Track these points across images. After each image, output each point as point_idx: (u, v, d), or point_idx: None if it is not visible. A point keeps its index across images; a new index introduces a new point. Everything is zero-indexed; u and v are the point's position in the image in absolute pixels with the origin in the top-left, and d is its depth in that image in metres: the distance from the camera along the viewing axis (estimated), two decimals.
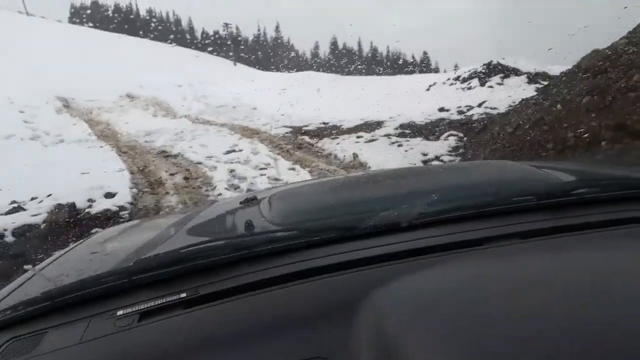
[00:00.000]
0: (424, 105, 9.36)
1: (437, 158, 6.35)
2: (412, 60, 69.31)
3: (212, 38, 58.55)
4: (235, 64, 28.18)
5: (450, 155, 6.32)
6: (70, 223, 4.64)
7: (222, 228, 1.34)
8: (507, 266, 0.82)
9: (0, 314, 0.91)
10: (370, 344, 0.64)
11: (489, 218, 1.04)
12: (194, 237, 1.04)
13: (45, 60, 20.91)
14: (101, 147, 7.92)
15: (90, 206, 4.95)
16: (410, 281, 0.78)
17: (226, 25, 45.57)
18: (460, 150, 6.29)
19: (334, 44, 71.91)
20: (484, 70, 11.23)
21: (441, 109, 9.04)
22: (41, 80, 15.82)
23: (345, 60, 64.52)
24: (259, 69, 35.16)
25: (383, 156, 6.48)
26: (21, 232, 4.61)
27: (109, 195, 5.27)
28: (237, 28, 50.97)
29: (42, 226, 4.67)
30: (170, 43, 40.58)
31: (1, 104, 12.09)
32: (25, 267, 3.90)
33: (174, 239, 1.22)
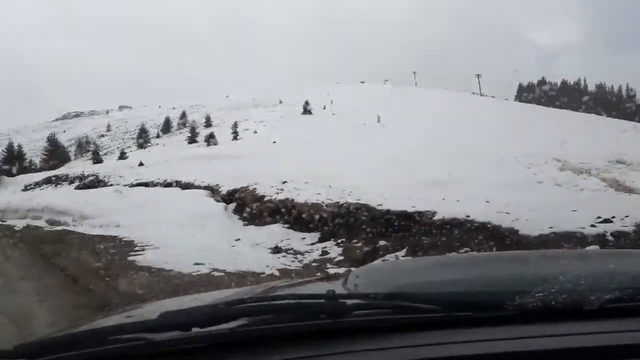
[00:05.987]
0: None
1: None
2: None
3: None
4: None
5: None
6: None
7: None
8: None
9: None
10: None
11: None
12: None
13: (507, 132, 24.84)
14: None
15: None
16: None
17: None
18: None
19: None
20: None
21: None
22: (533, 144, 19.10)
23: None
24: None
25: None
26: (616, 235, 6.55)
27: None
28: None
29: (631, 234, 6.45)
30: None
31: (512, 160, 15.66)
32: None
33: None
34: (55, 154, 43.25)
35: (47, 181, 22.84)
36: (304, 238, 9.81)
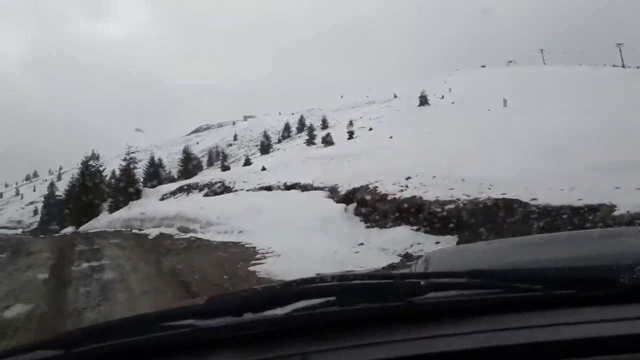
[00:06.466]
0: None
1: None
2: None
3: None
4: None
5: None
6: None
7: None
8: None
9: None
10: None
11: None
12: None
13: None
14: None
15: None
16: None
17: None
18: None
19: None
20: None
21: None
22: None
23: None
24: None
25: None
26: None
27: None
28: None
29: None
30: None
31: None
32: None
33: None
34: (189, 164, 46.87)
35: (180, 190, 24.31)
36: (439, 242, 8.45)
